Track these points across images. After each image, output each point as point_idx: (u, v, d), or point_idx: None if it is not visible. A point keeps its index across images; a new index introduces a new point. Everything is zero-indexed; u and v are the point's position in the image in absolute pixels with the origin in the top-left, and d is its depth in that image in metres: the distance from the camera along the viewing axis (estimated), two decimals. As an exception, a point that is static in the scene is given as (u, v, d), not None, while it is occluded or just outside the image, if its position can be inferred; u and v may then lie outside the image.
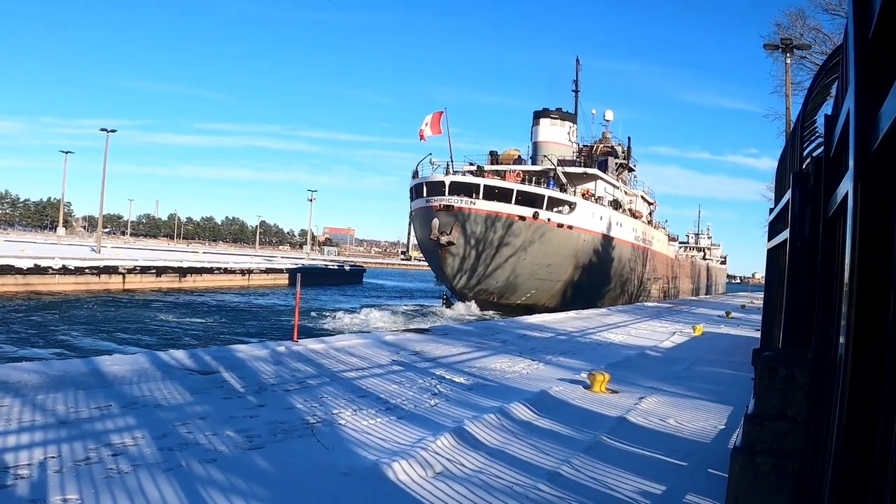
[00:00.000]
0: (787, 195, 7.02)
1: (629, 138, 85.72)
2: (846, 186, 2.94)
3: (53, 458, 7.55)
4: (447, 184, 57.23)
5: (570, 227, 59.99)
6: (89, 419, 9.23)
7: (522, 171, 66.35)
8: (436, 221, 55.81)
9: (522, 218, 57.05)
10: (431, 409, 11.68)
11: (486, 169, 65.55)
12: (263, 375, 13.40)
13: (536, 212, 57.59)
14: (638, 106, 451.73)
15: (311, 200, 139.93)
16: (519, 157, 72.49)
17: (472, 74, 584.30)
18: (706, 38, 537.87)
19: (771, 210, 12.14)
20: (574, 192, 64.16)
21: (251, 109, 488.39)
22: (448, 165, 60.71)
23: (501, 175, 63.86)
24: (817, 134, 8.23)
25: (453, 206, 55.89)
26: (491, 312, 54.15)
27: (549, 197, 59.69)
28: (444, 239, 55.48)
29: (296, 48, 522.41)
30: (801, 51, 37.77)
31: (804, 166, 7.47)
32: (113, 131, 79.92)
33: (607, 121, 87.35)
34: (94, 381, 11.71)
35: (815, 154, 7.44)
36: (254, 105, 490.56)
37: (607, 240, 66.30)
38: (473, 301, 57.60)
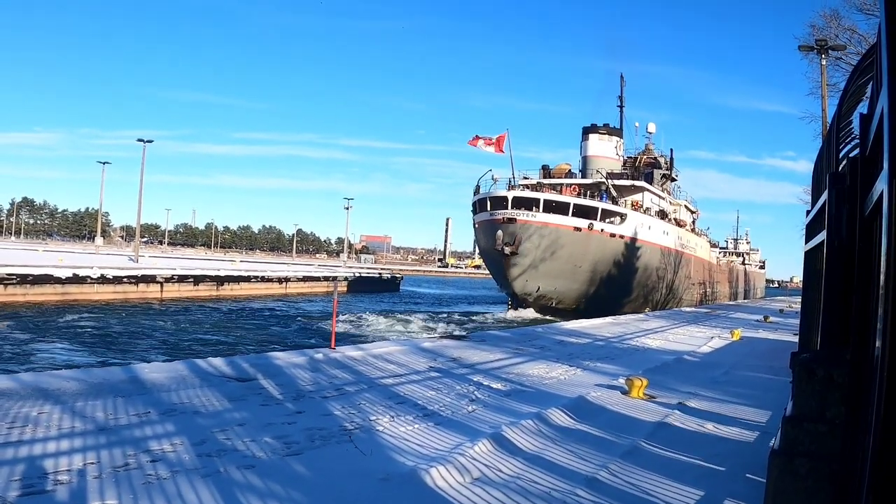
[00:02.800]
0: (824, 196, 6.97)
1: (671, 150, 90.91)
2: (881, 186, 2.91)
3: (93, 464, 7.63)
4: (510, 198, 61.95)
5: (621, 237, 64.89)
6: (128, 426, 9.32)
7: (577, 184, 71.12)
8: (500, 233, 59.89)
9: (578, 229, 61.94)
10: (469, 415, 11.68)
11: (543, 183, 70.39)
12: (301, 382, 13.46)
13: (591, 223, 62.43)
14: (675, 109, 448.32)
15: (347, 208, 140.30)
16: (570, 170, 77.93)
17: (508, 80, 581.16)
18: (741, 40, 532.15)
19: (808, 212, 12.06)
20: (625, 203, 68.63)
21: (288, 118, 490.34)
22: (510, 181, 66.24)
23: (558, 189, 68.71)
24: (853, 135, 8.16)
25: (516, 218, 60.31)
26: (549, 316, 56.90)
27: (602, 209, 64.20)
28: (507, 249, 59.65)
29: (332, 57, 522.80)
30: (837, 52, 37.44)
31: (840, 167, 7.41)
32: (150, 141, 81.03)
33: (650, 133, 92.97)
34: (132, 389, 11.82)
35: (851, 154, 7.38)
36: (291, 114, 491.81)
37: (655, 248, 70.30)
38: (534, 306, 61.74)
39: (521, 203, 61.79)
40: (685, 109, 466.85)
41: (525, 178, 71.33)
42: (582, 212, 62.99)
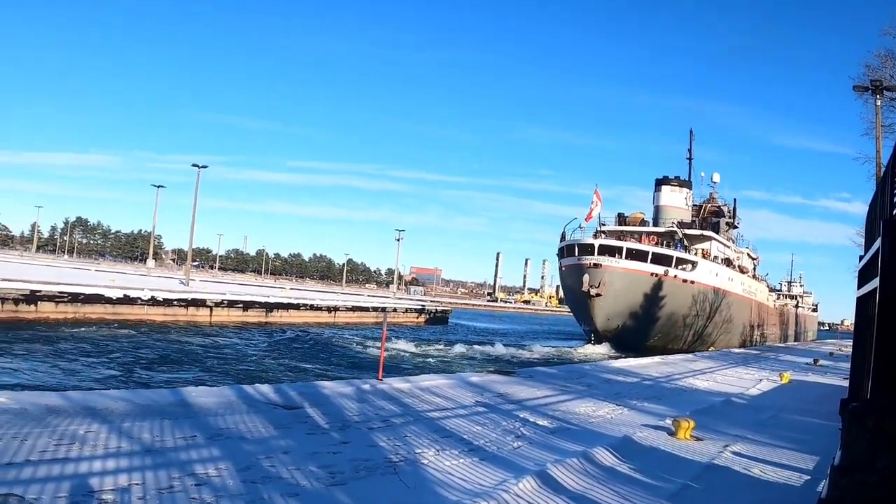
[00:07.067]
0: (877, 243, 6.89)
1: (735, 200, 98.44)
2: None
3: (137, 484, 7.72)
4: (596, 246, 69.06)
5: (692, 283, 71.28)
6: (174, 448, 9.43)
7: (654, 234, 79.02)
8: (586, 276, 66.11)
9: (655, 275, 68.49)
10: (514, 451, 11.66)
11: (623, 231, 79.08)
12: (347, 412, 13.52)
13: (667, 269, 69.09)
14: (727, 148, 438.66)
15: (398, 240, 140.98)
16: (643, 219, 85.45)
17: (562, 115, 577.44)
18: (795, 79, 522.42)
19: (861, 257, 11.91)
20: (695, 252, 76.47)
21: (342, 149, 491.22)
22: (596, 230, 75.05)
23: (636, 237, 76.78)
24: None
25: (601, 264, 66.96)
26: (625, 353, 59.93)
27: (676, 257, 71.01)
28: (593, 291, 65.61)
29: (387, 88, 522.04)
30: (892, 92, 36.98)
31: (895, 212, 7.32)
32: (204, 167, 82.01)
33: (714, 182, 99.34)
34: (180, 412, 11.95)
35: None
36: (345, 144, 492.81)
37: (720, 292, 76.15)
38: (611, 342, 66.14)
39: (605, 250, 68.40)
40: (738, 148, 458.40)
41: (602, 224, 78.21)
42: (658, 259, 69.37)
